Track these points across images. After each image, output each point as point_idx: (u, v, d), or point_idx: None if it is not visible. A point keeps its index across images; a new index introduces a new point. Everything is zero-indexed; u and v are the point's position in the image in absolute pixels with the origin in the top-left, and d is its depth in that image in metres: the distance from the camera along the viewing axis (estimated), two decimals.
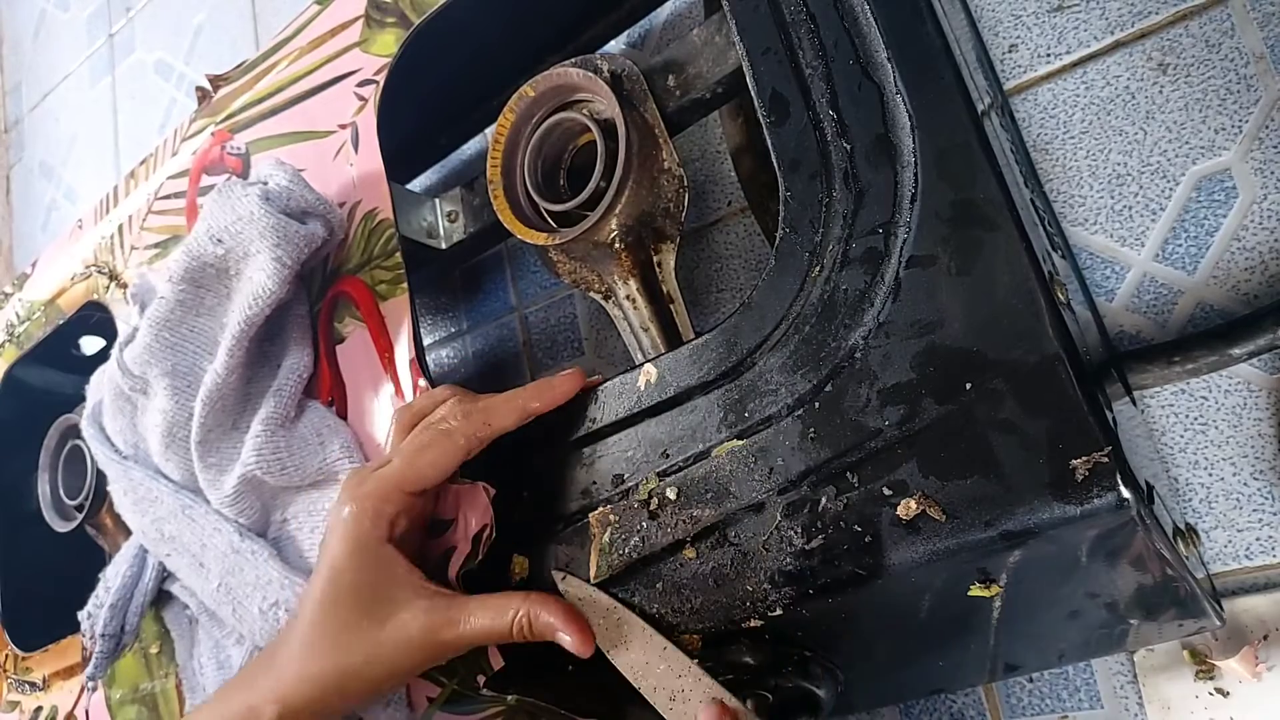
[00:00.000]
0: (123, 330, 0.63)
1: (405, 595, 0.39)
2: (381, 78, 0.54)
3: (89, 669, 0.61)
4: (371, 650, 0.39)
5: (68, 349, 0.81)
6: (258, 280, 0.51)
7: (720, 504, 0.37)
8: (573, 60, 0.50)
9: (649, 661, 0.37)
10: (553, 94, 0.51)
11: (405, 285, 0.50)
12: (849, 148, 0.36)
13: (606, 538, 0.39)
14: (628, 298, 0.50)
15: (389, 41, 0.55)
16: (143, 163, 0.72)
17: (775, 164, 0.38)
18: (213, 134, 0.66)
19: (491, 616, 0.39)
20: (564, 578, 0.40)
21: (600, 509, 0.40)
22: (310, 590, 0.40)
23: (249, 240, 0.51)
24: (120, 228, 0.72)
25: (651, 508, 0.38)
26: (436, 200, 0.63)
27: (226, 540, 0.52)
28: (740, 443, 0.37)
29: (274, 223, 0.50)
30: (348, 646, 0.39)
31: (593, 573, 0.39)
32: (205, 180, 0.65)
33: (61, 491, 0.76)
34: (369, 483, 0.40)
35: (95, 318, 0.74)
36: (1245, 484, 0.43)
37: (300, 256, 0.51)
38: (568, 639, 0.38)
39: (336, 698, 0.39)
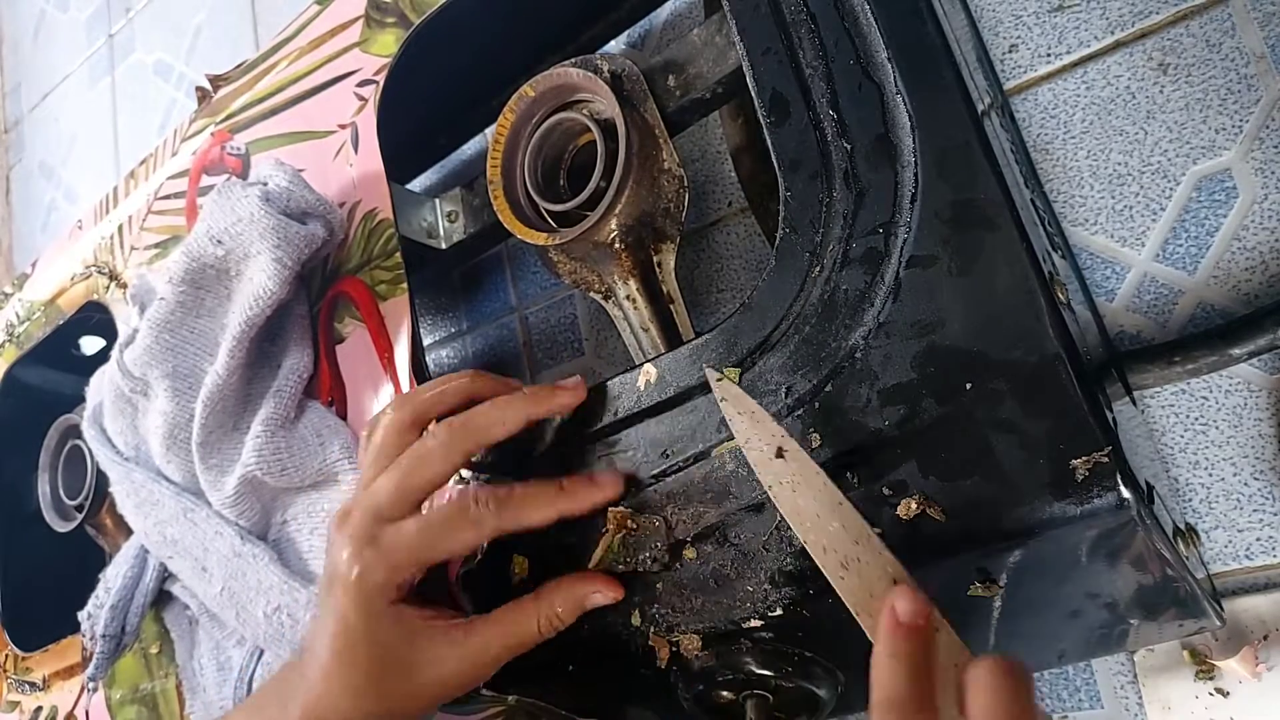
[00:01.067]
0: (123, 331, 0.63)
1: (424, 643, 0.38)
2: (381, 78, 0.54)
3: (89, 670, 0.61)
4: (404, 698, 0.38)
5: (68, 349, 0.81)
6: (258, 281, 0.51)
7: (720, 504, 0.37)
8: (573, 60, 0.50)
9: (820, 514, 0.32)
10: (553, 94, 0.51)
11: (405, 285, 0.50)
12: (849, 148, 0.36)
13: (618, 542, 0.39)
14: (628, 298, 0.50)
15: (389, 41, 0.55)
16: (142, 163, 0.72)
17: (775, 164, 0.38)
18: (212, 134, 0.66)
19: (515, 631, 0.39)
20: (719, 379, 0.36)
21: (623, 507, 0.39)
22: (321, 638, 0.39)
23: (249, 241, 0.51)
24: (120, 228, 0.72)
25: (670, 540, 0.38)
26: (436, 200, 0.63)
27: (228, 544, 0.53)
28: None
29: (274, 224, 0.50)
30: (376, 696, 0.38)
31: (592, 562, 0.39)
32: (205, 180, 0.65)
33: (61, 491, 0.76)
34: (382, 544, 0.38)
35: (95, 318, 0.74)
36: (1245, 484, 0.43)
37: (300, 257, 0.51)
38: (600, 597, 0.39)
39: None
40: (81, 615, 0.62)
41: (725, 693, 0.40)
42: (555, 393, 0.40)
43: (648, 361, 0.40)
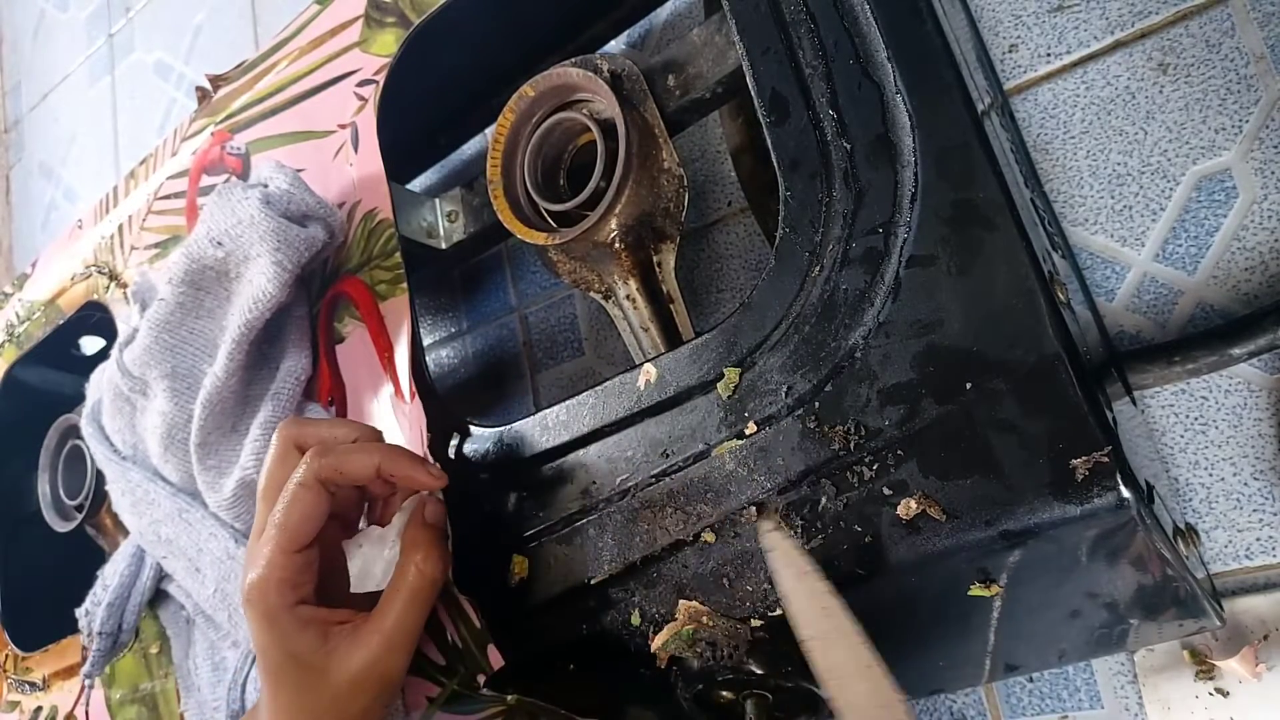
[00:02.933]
0: (123, 330, 0.63)
1: (336, 641, 0.39)
2: (381, 78, 0.54)
3: (86, 667, 0.61)
4: (329, 699, 0.39)
5: (68, 349, 0.81)
6: (258, 284, 0.51)
7: (720, 504, 0.37)
8: (573, 60, 0.50)
9: (849, 673, 0.33)
10: (553, 94, 0.51)
11: (405, 285, 0.50)
12: (849, 147, 0.36)
13: (687, 633, 0.38)
14: (628, 298, 0.50)
15: (389, 41, 0.55)
16: (142, 163, 0.72)
17: (775, 164, 0.38)
18: (212, 134, 0.66)
19: (403, 597, 0.40)
20: (771, 529, 0.35)
21: (704, 605, 0.37)
22: (260, 676, 0.41)
23: (249, 244, 0.51)
24: (120, 228, 0.72)
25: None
26: (436, 200, 0.63)
27: (222, 546, 0.53)
28: (740, 443, 0.37)
29: (274, 226, 0.50)
30: (306, 708, 0.39)
31: (654, 644, 0.38)
32: (205, 180, 0.65)
33: (61, 491, 0.76)
34: (257, 557, 0.39)
35: (95, 318, 0.74)
36: (1245, 484, 0.42)
37: (300, 260, 0.51)
38: (433, 511, 0.41)
39: None
40: (79, 612, 0.62)
41: (725, 693, 0.40)
42: (416, 464, 0.41)
43: (648, 361, 0.40)
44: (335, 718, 0.39)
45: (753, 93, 0.39)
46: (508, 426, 0.45)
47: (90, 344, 0.83)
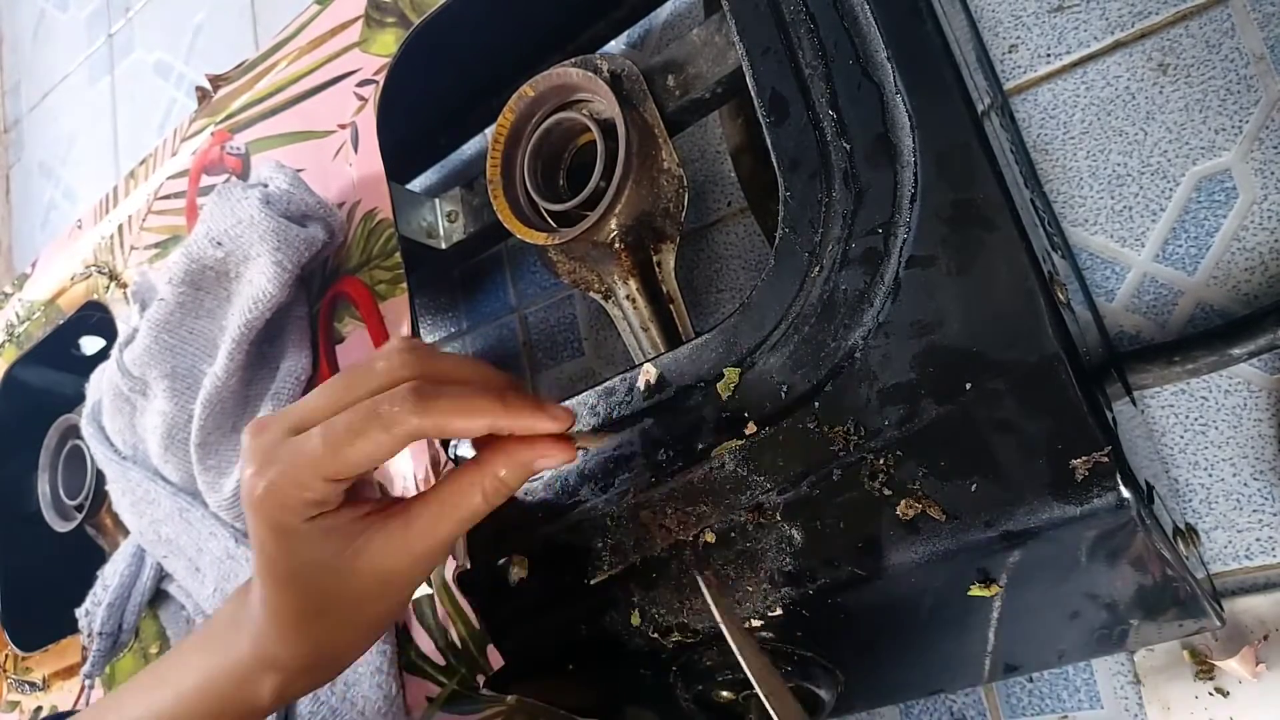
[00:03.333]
0: (123, 330, 0.63)
1: (362, 544, 0.34)
2: (381, 78, 0.54)
3: (86, 667, 0.61)
4: (352, 611, 0.35)
5: (68, 349, 0.81)
6: (258, 284, 0.51)
7: (720, 504, 0.37)
8: (573, 60, 0.50)
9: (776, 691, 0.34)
10: (553, 94, 0.51)
11: (405, 285, 0.50)
12: (849, 148, 0.36)
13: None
14: (628, 298, 0.50)
15: (389, 41, 0.55)
16: (142, 163, 0.72)
17: (775, 164, 0.38)
18: (212, 134, 0.66)
19: (460, 503, 0.34)
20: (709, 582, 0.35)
21: (708, 571, 0.37)
22: (255, 565, 0.35)
23: (249, 244, 0.51)
24: (120, 228, 0.72)
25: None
26: (436, 200, 0.63)
27: (222, 545, 0.53)
28: (740, 443, 0.37)
29: (274, 226, 0.50)
30: (322, 623, 0.34)
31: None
32: (205, 180, 0.65)
33: (61, 491, 0.76)
34: (283, 457, 0.32)
35: (95, 318, 0.74)
36: (1245, 484, 0.42)
37: (300, 260, 0.51)
38: (548, 461, 0.34)
39: (330, 657, 0.36)
40: (79, 612, 0.62)
41: (725, 693, 0.40)
42: (538, 414, 0.34)
43: (648, 361, 0.40)
44: (354, 617, 0.35)
45: (752, 93, 0.39)
46: None
47: (90, 344, 0.83)
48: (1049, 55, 0.48)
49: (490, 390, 0.33)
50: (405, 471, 0.48)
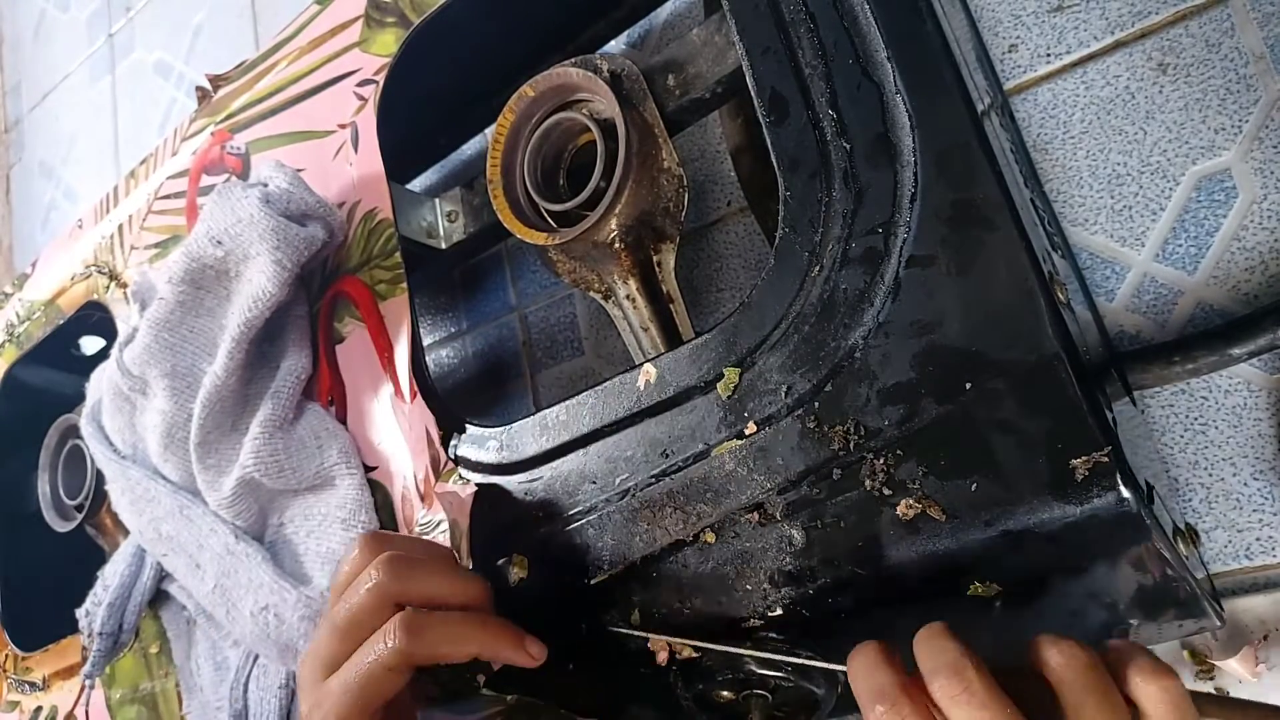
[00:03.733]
0: (123, 330, 0.63)
1: None
2: (381, 78, 0.54)
3: (86, 667, 0.62)
4: None
5: (68, 349, 0.81)
6: (257, 283, 0.51)
7: (720, 504, 0.37)
8: (573, 60, 0.50)
9: None
10: (553, 94, 0.51)
11: (405, 285, 0.50)
12: (849, 147, 0.36)
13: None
14: (628, 297, 0.50)
15: (389, 41, 0.55)
16: (143, 163, 0.73)
17: (775, 164, 0.38)
18: (212, 134, 0.66)
19: None
20: None
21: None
22: None
23: (249, 243, 0.51)
24: (120, 228, 0.72)
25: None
26: (436, 200, 0.63)
27: (222, 542, 0.53)
28: (740, 443, 0.37)
29: (274, 225, 0.50)
30: None
31: None
32: (205, 180, 0.65)
33: (61, 491, 0.76)
34: (324, 706, 0.37)
35: (95, 318, 0.75)
36: (1245, 484, 0.42)
37: (300, 259, 0.51)
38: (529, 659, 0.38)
39: None
40: (79, 612, 0.62)
41: (725, 693, 0.40)
42: (518, 645, 0.39)
43: (648, 361, 0.40)
44: None
45: (752, 93, 0.39)
46: (507, 426, 0.45)
47: (90, 344, 0.83)
48: (1049, 55, 0.48)
49: (472, 618, 0.39)
50: (405, 472, 0.48)
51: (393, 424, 0.49)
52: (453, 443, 0.47)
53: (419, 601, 0.38)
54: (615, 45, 0.64)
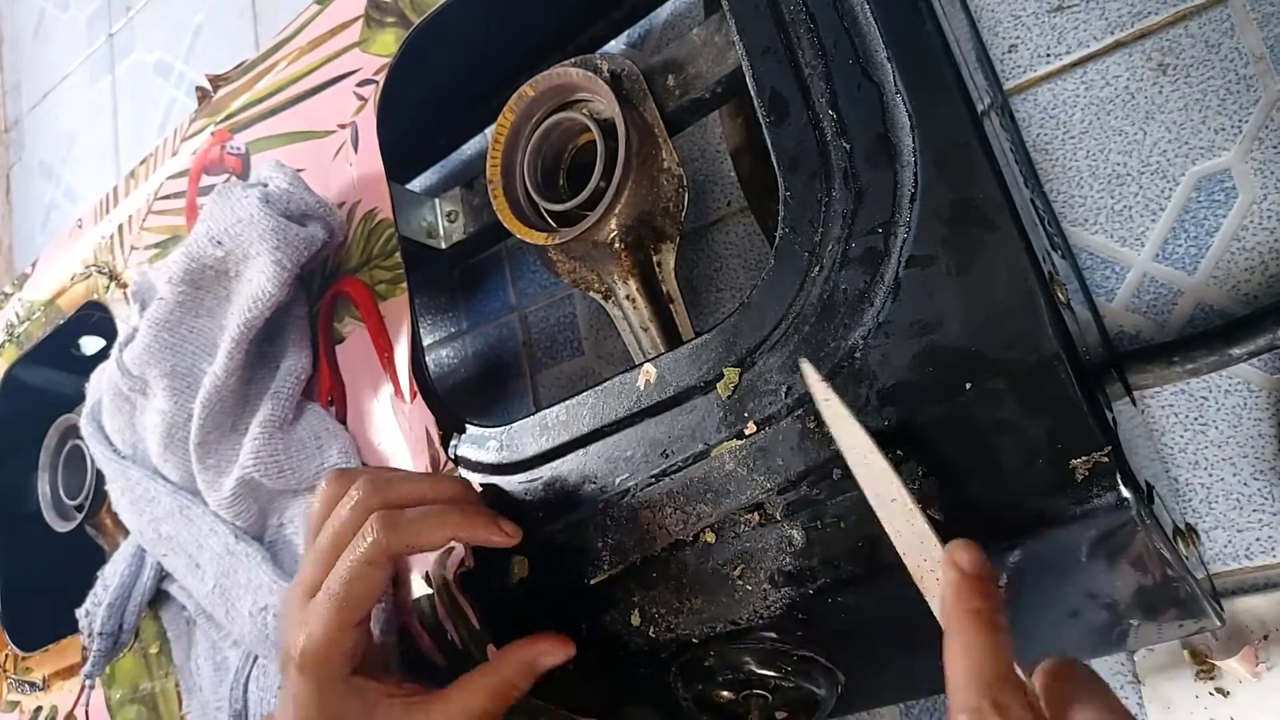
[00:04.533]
0: (122, 330, 0.63)
1: (383, 715, 0.39)
2: (381, 78, 0.54)
3: (86, 667, 0.62)
4: None
5: (68, 349, 0.81)
6: (257, 283, 0.51)
7: (720, 504, 0.37)
8: (573, 60, 0.50)
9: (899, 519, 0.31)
10: (552, 94, 0.51)
11: (405, 285, 0.50)
12: (849, 147, 0.36)
13: None
14: (627, 297, 0.50)
15: (389, 41, 0.55)
16: (143, 163, 0.72)
17: (775, 164, 0.38)
18: (212, 134, 0.66)
19: (473, 704, 0.39)
20: (827, 399, 0.33)
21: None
22: None
23: (249, 243, 0.51)
24: (120, 228, 0.72)
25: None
26: (436, 200, 0.63)
27: (222, 542, 0.53)
28: (740, 443, 0.37)
29: (274, 225, 0.50)
30: None
31: None
32: (205, 180, 0.65)
33: (61, 491, 0.76)
34: (311, 622, 0.38)
35: (95, 318, 0.74)
36: (1245, 484, 0.42)
37: (300, 259, 0.51)
38: (549, 659, 0.40)
39: None
40: (79, 612, 0.62)
41: (725, 693, 0.40)
42: (491, 525, 0.40)
43: (648, 361, 0.40)
44: None
45: (752, 93, 0.39)
46: (507, 426, 0.45)
47: (90, 344, 0.83)
48: (1049, 55, 0.48)
49: (444, 505, 0.39)
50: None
51: (393, 424, 0.49)
52: (453, 443, 0.47)
53: (401, 506, 0.39)
54: (615, 45, 0.64)
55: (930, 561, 0.30)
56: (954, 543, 0.28)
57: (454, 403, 0.51)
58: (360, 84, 0.56)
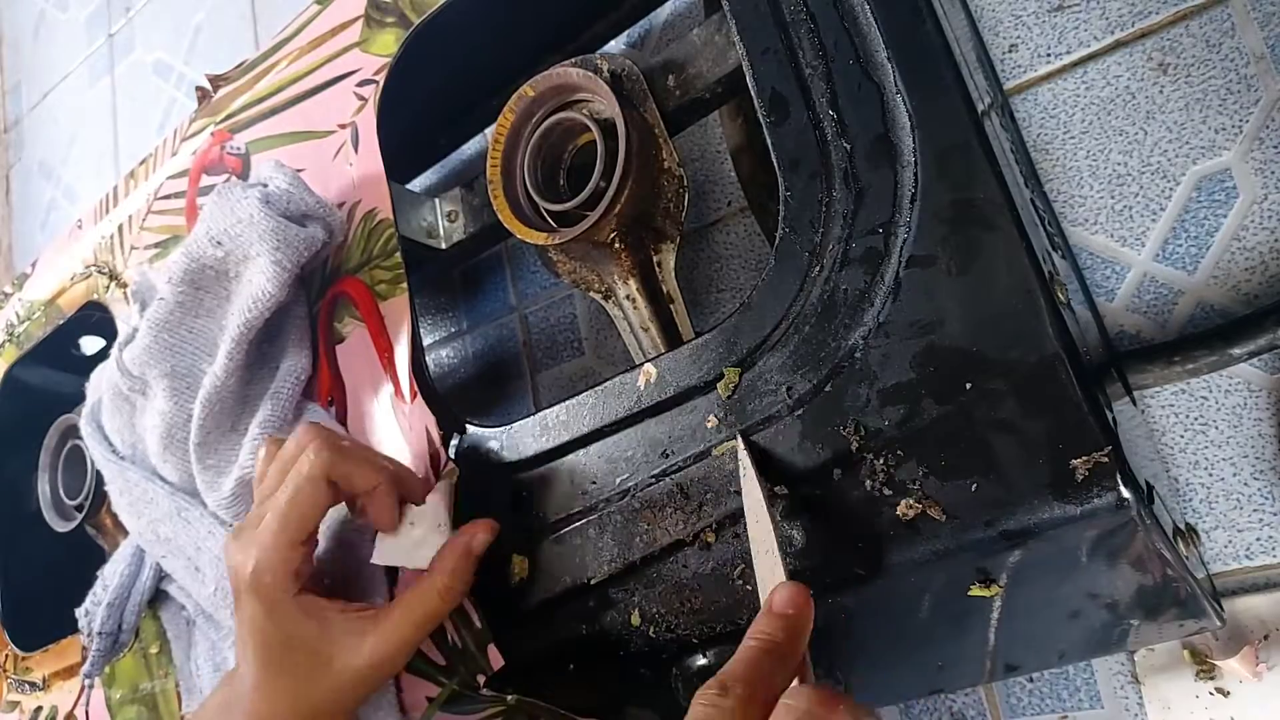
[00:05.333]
0: (122, 330, 0.63)
1: (337, 632, 0.40)
2: (381, 78, 0.54)
3: (86, 666, 0.61)
4: (329, 691, 0.40)
5: (68, 349, 0.81)
6: (257, 283, 0.51)
7: (720, 504, 0.37)
8: (573, 60, 0.50)
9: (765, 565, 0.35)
10: (553, 94, 0.51)
11: (405, 285, 0.50)
12: (849, 147, 0.36)
13: None
14: (628, 298, 0.50)
15: (389, 41, 0.55)
16: (142, 163, 0.72)
17: (775, 164, 0.38)
18: (212, 134, 0.66)
19: (419, 607, 0.40)
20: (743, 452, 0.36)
21: None
22: (243, 650, 0.41)
23: (248, 243, 0.51)
24: (120, 228, 0.72)
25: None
26: (436, 200, 0.63)
27: (220, 544, 0.52)
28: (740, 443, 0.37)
29: (274, 226, 0.50)
30: (305, 694, 0.40)
31: None
32: (205, 180, 0.65)
33: (61, 491, 0.76)
34: (254, 545, 0.40)
35: (95, 318, 0.74)
36: (1245, 484, 0.42)
37: (300, 260, 0.51)
38: (481, 540, 0.41)
39: None
40: (79, 612, 0.62)
41: None
42: (422, 486, 0.43)
43: (648, 361, 0.40)
44: (331, 706, 0.40)
45: (753, 93, 0.39)
46: (507, 426, 0.45)
47: (90, 344, 0.82)
48: (1049, 55, 0.48)
49: (391, 460, 0.43)
50: None
51: (393, 424, 0.49)
52: (453, 443, 0.47)
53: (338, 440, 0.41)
54: (615, 45, 0.64)
55: None
56: (780, 584, 0.31)
57: (454, 403, 0.51)
58: (360, 84, 0.56)
